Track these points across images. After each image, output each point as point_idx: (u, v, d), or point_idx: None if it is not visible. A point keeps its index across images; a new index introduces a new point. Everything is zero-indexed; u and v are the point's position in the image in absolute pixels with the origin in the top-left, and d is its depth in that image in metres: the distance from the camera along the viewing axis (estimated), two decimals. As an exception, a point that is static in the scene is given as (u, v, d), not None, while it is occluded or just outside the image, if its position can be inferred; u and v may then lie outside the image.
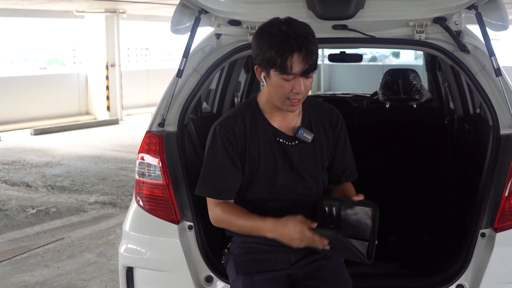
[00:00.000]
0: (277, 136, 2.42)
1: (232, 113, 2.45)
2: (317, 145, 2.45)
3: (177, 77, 2.92)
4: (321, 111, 2.51)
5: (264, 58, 2.24)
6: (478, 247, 2.70)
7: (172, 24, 3.03)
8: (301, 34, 2.22)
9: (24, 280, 4.71)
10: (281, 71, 2.22)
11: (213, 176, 2.40)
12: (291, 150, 2.42)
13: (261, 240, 2.45)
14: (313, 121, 2.47)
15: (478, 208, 2.73)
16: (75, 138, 12.11)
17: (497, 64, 2.75)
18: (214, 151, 2.40)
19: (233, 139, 2.39)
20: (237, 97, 4.76)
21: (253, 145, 2.40)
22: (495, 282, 2.68)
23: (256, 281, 2.39)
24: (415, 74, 4.75)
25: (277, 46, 2.20)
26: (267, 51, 2.22)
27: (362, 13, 2.88)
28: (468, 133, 4.10)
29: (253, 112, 2.43)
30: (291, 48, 2.19)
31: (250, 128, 2.41)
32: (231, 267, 2.50)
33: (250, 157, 2.40)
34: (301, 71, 2.23)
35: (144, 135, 2.91)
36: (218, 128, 2.40)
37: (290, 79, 2.24)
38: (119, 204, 6.93)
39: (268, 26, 2.27)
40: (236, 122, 2.41)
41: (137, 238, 2.89)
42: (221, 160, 2.38)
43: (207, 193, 2.43)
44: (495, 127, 2.77)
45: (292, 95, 2.28)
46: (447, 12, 2.85)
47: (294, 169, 2.42)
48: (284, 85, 2.25)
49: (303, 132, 2.39)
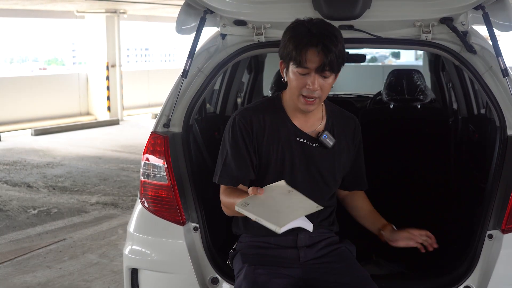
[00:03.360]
0: (298, 136, 2.43)
1: (254, 106, 2.49)
2: (336, 152, 2.47)
3: (182, 78, 2.90)
4: (343, 120, 2.54)
5: (285, 52, 2.31)
6: (485, 248, 2.68)
7: (177, 24, 3.01)
8: (324, 32, 2.26)
9: (26, 281, 4.70)
10: (297, 64, 2.27)
11: (228, 163, 2.42)
12: (311, 151, 2.43)
13: (270, 239, 2.45)
14: (336, 129, 2.49)
15: (485, 210, 2.72)
16: (75, 139, 12.10)
17: (504, 64, 2.74)
18: (233, 139, 2.42)
19: (250, 130, 2.41)
20: (240, 97, 4.75)
21: (271, 140, 2.41)
22: (502, 283, 2.67)
23: (259, 271, 2.38)
24: (419, 74, 4.73)
25: (297, 39, 2.26)
26: (287, 44, 2.29)
27: (368, 13, 2.87)
28: (473, 133, 4.08)
29: (275, 108, 2.45)
30: (308, 42, 2.24)
31: (270, 123, 2.42)
32: (238, 260, 2.50)
33: (266, 151, 2.41)
34: (315, 67, 2.24)
35: (149, 136, 2.89)
36: (238, 118, 2.43)
37: (305, 73, 2.27)
38: (121, 205, 6.91)
39: (294, 22, 2.34)
40: (256, 115, 2.43)
41: (142, 240, 2.87)
42: (238, 148, 2.40)
43: (221, 180, 2.45)
44: (502, 127, 2.76)
45: (306, 92, 2.29)
46: (454, 12, 2.84)
47: (310, 170, 2.43)
48: (299, 79, 2.29)
49: (326, 137, 2.42)
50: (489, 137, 3.31)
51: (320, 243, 2.47)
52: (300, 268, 2.44)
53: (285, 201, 2.26)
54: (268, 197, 2.24)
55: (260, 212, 2.18)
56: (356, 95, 6.49)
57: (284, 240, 2.45)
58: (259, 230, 2.44)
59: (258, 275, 2.36)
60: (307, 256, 2.46)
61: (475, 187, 3.42)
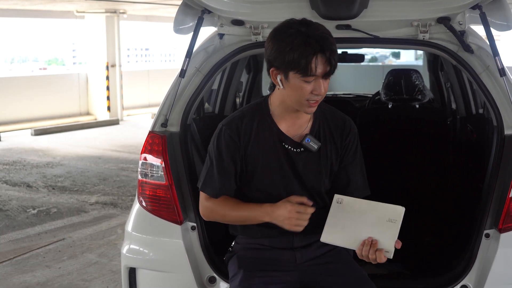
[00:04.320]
0: (283, 142, 2.38)
1: (240, 113, 2.44)
2: (322, 155, 2.40)
3: (180, 77, 2.91)
4: (332, 120, 2.46)
5: (285, 61, 2.18)
6: (482, 247, 2.69)
7: (175, 24, 3.02)
8: (322, 35, 2.19)
9: (26, 280, 4.70)
10: (303, 73, 2.18)
11: (211, 174, 2.40)
12: (296, 157, 2.39)
13: (266, 241, 2.45)
14: (322, 130, 2.42)
15: (483, 209, 2.72)
16: (75, 139, 12.10)
17: (502, 64, 2.74)
18: (217, 150, 2.39)
19: (237, 139, 2.38)
20: (239, 97, 4.75)
21: (257, 147, 2.38)
22: (499, 282, 2.67)
23: (255, 279, 2.37)
24: (417, 74, 4.73)
25: (301, 48, 2.15)
26: (288, 53, 2.17)
27: (365, 13, 2.87)
28: (471, 133, 4.09)
29: (262, 114, 2.41)
30: (315, 50, 2.15)
31: (257, 130, 2.39)
32: (233, 262, 2.50)
33: (253, 158, 2.38)
34: (323, 73, 2.19)
35: (147, 136, 2.90)
36: (224, 128, 2.39)
37: (311, 80, 2.20)
38: (120, 205, 6.92)
39: (285, 27, 2.22)
40: (243, 123, 2.39)
41: (139, 239, 2.88)
42: (222, 160, 2.38)
43: (204, 188, 2.44)
44: (499, 127, 2.76)
45: (312, 97, 2.24)
46: (451, 12, 2.84)
47: (297, 176, 2.39)
48: (304, 87, 2.21)
49: (309, 140, 2.35)
50: (487, 137, 3.31)
51: (317, 243, 2.44)
52: (296, 271, 2.43)
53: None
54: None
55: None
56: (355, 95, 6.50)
57: (279, 241, 2.44)
58: (255, 233, 2.45)
59: (253, 284, 2.36)
60: (303, 257, 2.44)
61: (473, 187, 3.42)
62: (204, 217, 2.50)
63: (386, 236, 2.22)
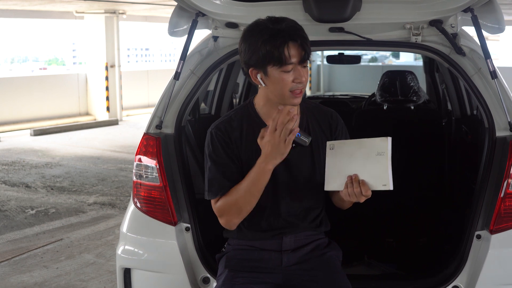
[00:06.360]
0: None
1: (227, 117, 2.46)
2: (315, 149, 2.44)
3: (174, 80, 2.93)
4: (319, 114, 2.50)
5: (260, 56, 2.24)
6: (473, 248, 2.70)
7: (169, 27, 3.04)
8: (289, 25, 2.26)
9: (23, 280, 4.73)
10: (279, 64, 2.23)
11: (218, 177, 2.39)
12: (289, 152, 2.42)
13: (256, 243, 2.47)
14: (310, 124, 2.46)
15: (474, 210, 2.74)
16: (74, 139, 12.12)
17: (493, 66, 2.76)
18: (213, 151, 2.40)
19: (229, 140, 2.40)
20: (235, 98, 4.77)
21: (250, 147, 2.39)
22: (490, 283, 2.69)
23: (238, 279, 2.40)
24: (412, 75, 4.76)
25: (271, 39, 2.22)
26: (261, 47, 2.23)
27: (358, 16, 2.89)
28: (466, 134, 4.10)
29: (250, 115, 2.43)
30: (285, 39, 2.22)
31: (247, 131, 2.41)
32: (222, 262, 2.53)
33: (246, 159, 2.40)
34: (298, 59, 2.24)
35: (142, 137, 2.92)
36: (214, 131, 2.41)
37: (289, 69, 2.24)
38: (118, 205, 6.94)
39: (254, 26, 2.30)
40: (231, 126, 2.41)
41: (134, 240, 2.90)
42: (222, 161, 2.39)
43: (211, 193, 2.40)
44: (491, 129, 2.78)
45: (294, 87, 2.28)
46: (443, 14, 2.86)
47: (291, 172, 2.42)
48: (285, 78, 2.26)
49: (300, 135, 2.35)
50: (480, 138, 3.33)
51: (306, 247, 2.46)
52: (281, 274, 2.44)
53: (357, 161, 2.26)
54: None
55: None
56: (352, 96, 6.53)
57: (269, 243, 2.46)
58: (245, 234, 2.47)
59: (236, 283, 2.38)
60: (290, 261, 2.45)
61: (467, 188, 3.44)
62: (225, 223, 2.40)
63: (379, 170, 2.23)
